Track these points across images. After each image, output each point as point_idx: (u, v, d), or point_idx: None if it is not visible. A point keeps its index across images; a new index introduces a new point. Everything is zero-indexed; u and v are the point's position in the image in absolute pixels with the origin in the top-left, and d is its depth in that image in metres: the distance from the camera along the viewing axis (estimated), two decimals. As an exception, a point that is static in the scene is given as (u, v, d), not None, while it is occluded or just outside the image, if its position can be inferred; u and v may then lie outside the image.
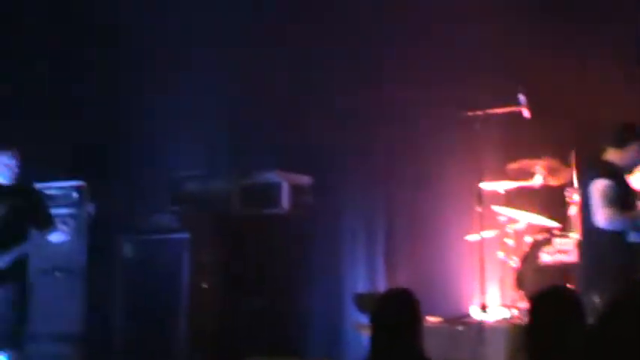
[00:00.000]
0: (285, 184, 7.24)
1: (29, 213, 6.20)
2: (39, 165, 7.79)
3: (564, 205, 6.55)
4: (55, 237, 6.18)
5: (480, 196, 6.31)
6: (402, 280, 7.38)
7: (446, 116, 6.80)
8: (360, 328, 6.91)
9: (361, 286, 7.61)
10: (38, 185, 7.28)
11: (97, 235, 7.15)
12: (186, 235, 6.94)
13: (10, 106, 7.98)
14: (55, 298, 7.09)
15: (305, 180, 7.46)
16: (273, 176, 7.33)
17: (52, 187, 7.36)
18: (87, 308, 7.09)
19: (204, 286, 6.96)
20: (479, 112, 6.26)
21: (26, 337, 6.28)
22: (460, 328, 6.29)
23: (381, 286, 7.56)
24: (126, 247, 7.11)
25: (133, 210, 7.50)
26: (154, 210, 7.35)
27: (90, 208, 6.44)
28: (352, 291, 7.45)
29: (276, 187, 7.24)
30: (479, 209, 6.29)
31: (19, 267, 6.15)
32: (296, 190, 7.34)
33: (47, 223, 6.23)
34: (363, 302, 6.86)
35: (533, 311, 3.43)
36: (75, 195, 7.27)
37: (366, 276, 7.70)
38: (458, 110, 6.36)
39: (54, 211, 6.92)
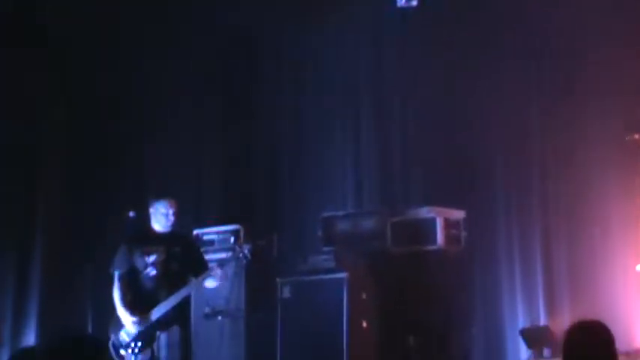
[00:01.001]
0: (439, 219, 7.22)
1: (185, 259, 6.45)
2: (196, 211, 8.20)
3: None
4: (210, 282, 6.40)
5: (650, 222, 6.13)
6: (565, 314, 7.24)
7: (609, 139, 6.66)
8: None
9: (521, 322, 7.51)
10: (196, 231, 7.62)
11: (255, 278, 7.33)
12: (343, 275, 6.99)
13: (166, 155, 8.37)
14: (217, 341, 7.30)
15: (459, 214, 7.42)
16: (426, 212, 7.33)
17: (209, 233, 7.65)
18: (248, 350, 7.23)
19: (364, 324, 7.00)
20: (643, 134, 6.12)
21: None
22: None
23: (543, 321, 7.46)
24: (284, 289, 7.20)
25: (288, 252, 7.67)
26: (309, 251, 7.46)
27: (246, 250, 6.62)
28: (512, 325, 7.39)
29: (430, 223, 7.24)
30: (649, 236, 6.12)
31: (182, 311, 6.39)
32: (450, 225, 7.31)
33: (201, 268, 6.46)
34: (532, 337, 6.77)
35: None
36: (232, 239, 7.47)
37: (525, 311, 7.60)
38: (622, 133, 6.20)
39: (212, 255, 7.20)
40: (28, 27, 7.60)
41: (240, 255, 6.58)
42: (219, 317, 6.96)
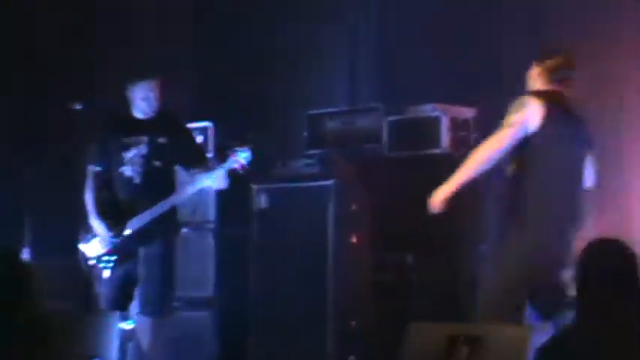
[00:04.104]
0: (445, 118, 6.96)
1: (174, 152, 6.03)
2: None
3: None
4: (213, 181, 5.98)
5: None
6: (589, 233, 6.98)
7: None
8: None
9: None
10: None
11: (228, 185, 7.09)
12: (330, 182, 6.81)
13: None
14: (181, 257, 7.10)
15: (468, 113, 7.13)
16: (430, 109, 7.05)
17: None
18: (219, 268, 7.15)
19: (353, 240, 6.86)
20: None
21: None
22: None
23: None
24: (261, 197, 7.05)
25: (266, 155, 7.30)
26: (293, 154, 7.29)
27: (242, 157, 6.16)
28: None
29: (434, 123, 6.98)
30: None
31: (167, 222, 6.02)
32: (458, 125, 7.05)
33: (199, 159, 6.07)
34: None
35: None
36: (201, 139, 7.21)
37: None
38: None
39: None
40: None
41: (236, 165, 6.12)
42: (184, 229, 6.68)
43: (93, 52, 7.98)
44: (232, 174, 6.08)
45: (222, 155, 6.23)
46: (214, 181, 5.94)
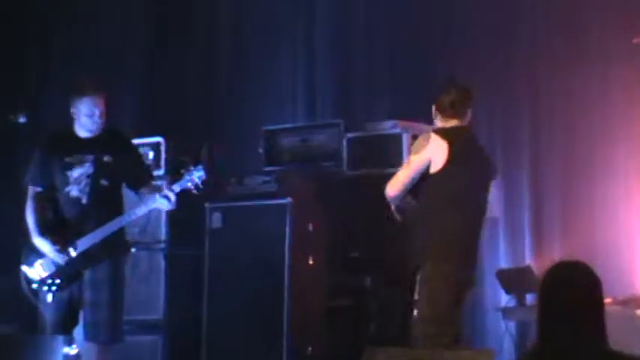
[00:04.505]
0: (407, 135, 6.80)
1: (121, 171, 5.77)
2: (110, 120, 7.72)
3: None
4: (164, 202, 5.75)
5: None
6: (555, 254, 6.98)
7: (612, 46, 6.42)
8: (504, 312, 6.59)
9: (503, 262, 7.20)
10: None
11: (179, 203, 6.89)
12: (286, 201, 6.64)
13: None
14: (132, 279, 6.90)
15: (429, 130, 6.97)
16: (390, 126, 6.93)
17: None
18: (170, 290, 6.96)
19: (310, 262, 6.69)
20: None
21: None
22: (639, 311, 5.91)
23: (528, 262, 7.16)
24: (213, 216, 6.88)
25: (220, 172, 7.09)
26: (248, 171, 7.10)
27: (196, 176, 5.90)
28: (493, 267, 7.05)
29: (394, 140, 6.84)
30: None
31: (115, 243, 5.78)
32: None
33: (145, 178, 5.83)
34: (510, 280, 6.50)
35: None
36: (152, 154, 7.05)
37: (508, 250, 7.30)
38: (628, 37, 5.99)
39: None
40: None
41: (190, 185, 5.89)
42: (133, 249, 6.41)
43: (36, 65, 7.78)
44: (185, 193, 5.88)
45: (176, 174, 6.04)
46: (166, 202, 5.71)
